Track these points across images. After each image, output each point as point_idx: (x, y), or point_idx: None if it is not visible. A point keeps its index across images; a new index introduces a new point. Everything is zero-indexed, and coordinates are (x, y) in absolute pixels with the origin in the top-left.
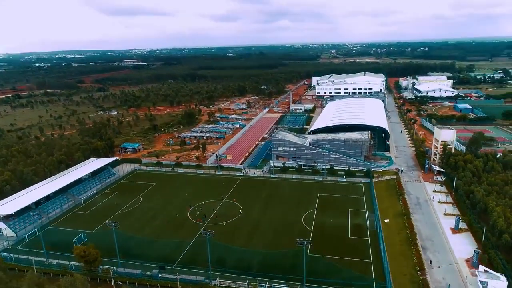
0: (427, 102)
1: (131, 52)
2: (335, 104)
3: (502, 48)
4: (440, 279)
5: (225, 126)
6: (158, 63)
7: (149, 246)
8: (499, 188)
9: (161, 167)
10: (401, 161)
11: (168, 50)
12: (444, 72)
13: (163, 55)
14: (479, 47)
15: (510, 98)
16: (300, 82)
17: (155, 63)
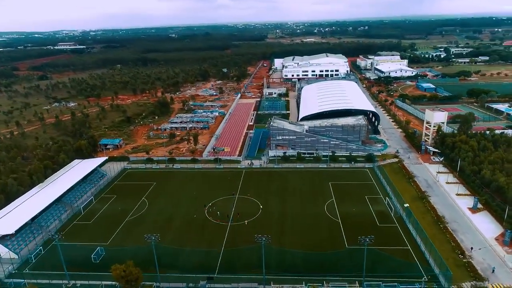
0: (392, 82)
1: (61, 33)
2: (313, 88)
3: (435, 26)
4: (481, 260)
5: (205, 115)
6: (98, 46)
7: (178, 254)
8: (500, 166)
9: (154, 164)
10: (393, 144)
11: (103, 31)
12: (392, 51)
13: (100, 37)
14: (414, 26)
15: (463, 76)
16: (258, 64)
17: (95, 46)
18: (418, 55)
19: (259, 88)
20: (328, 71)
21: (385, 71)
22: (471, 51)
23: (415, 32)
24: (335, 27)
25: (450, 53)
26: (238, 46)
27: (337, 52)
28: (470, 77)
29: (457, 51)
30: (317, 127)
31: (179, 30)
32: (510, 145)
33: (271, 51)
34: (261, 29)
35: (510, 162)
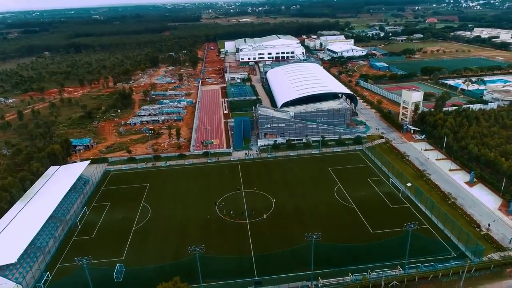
0: (346, 63)
1: None
2: (280, 71)
3: (362, 4)
4: (495, 231)
5: (172, 105)
6: (15, 32)
7: (211, 262)
8: (480, 140)
9: (139, 163)
10: (373, 124)
11: (13, 13)
12: (331, 30)
13: (12, 21)
14: (343, 4)
15: (408, 54)
16: (203, 47)
17: (11, 32)
18: (358, 34)
19: (217, 73)
20: (284, 53)
21: (338, 52)
22: (405, 29)
23: (345, 10)
24: (267, 6)
25: (385, 31)
26: (176, 28)
27: (280, 32)
28: (414, 55)
29: (391, 29)
30: (302, 113)
31: (102, 12)
32: (479, 120)
33: (214, 33)
34: (191, 9)
35: (486, 136)
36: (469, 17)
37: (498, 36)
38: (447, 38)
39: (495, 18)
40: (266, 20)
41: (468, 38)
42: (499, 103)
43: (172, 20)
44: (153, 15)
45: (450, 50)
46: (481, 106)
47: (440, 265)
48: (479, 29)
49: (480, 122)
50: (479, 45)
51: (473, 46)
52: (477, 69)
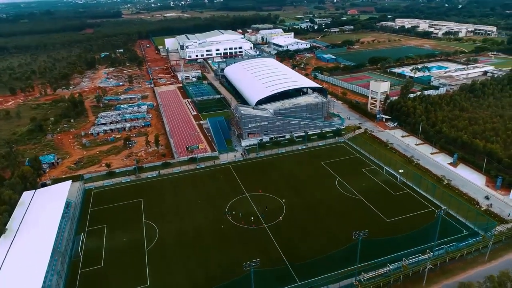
0: (294, 56)
1: None
2: (239, 68)
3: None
4: (490, 204)
5: (133, 110)
6: None
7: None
8: (449, 123)
9: (121, 177)
10: (345, 116)
11: None
12: (264, 23)
13: None
14: None
15: (348, 45)
16: (137, 45)
17: None
18: (292, 26)
19: (167, 73)
20: (232, 48)
21: (283, 45)
22: (335, 21)
23: (270, 3)
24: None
25: (316, 24)
26: (99, 25)
27: (216, 28)
28: (353, 46)
29: (321, 21)
30: (282, 109)
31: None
32: (441, 105)
33: (145, 29)
34: (107, 4)
35: (453, 119)
36: (384, 8)
37: (418, 26)
38: (375, 28)
39: (407, 9)
40: (193, 15)
41: (394, 28)
42: (447, 87)
43: (91, 17)
44: (66, 12)
45: (384, 40)
46: (432, 92)
47: (461, 244)
48: (400, 20)
49: (442, 107)
50: (405, 35)
51: (400, 36)
52: (416, 57)
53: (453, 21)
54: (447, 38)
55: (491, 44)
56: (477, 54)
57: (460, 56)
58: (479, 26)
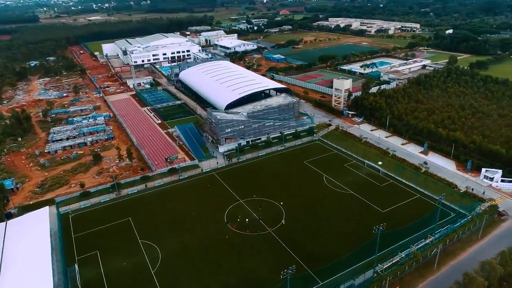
0: (243, 57)
1: None
2: (196, 72)
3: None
4: (469, 186)
5: (89, 123)
6: None
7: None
8: (411, 116)
9: (100, 197)
10: (313, 113)
11: None
12: (201, 25)
13: None
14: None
15: (293, 45)
16: (68, 51)
17: None
18: (230, 27)
19: (113, 80)
20: (180, 52)
21: (230, 47)
22: (271, 21)
23: (201, 5)
24: (114, 2)
25: (253, 24)
26: (16, 31)
27: (152, 30)
28: (298, 45)
29: (257, 22)
30: (255, 112)
31: None
32: (398, 98)
33: (74, 35)
34: (17, 7)
35: (413, 111)
36: (314, 8)
37: (351, 24)
38: (312, 28)
39: (335, 8)
40: (121, 18)
41: (330, 28)
42: (397, 82)
43: (3, 22)
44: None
45: (324, 39)
46: (385, 86)
47: (455, 225)
48: (334, 19)
49: (399, 100)
50: (341, 33)
51: (337, 34)
52: (361, 54)
53: (379, 20)
54: (380, 35)
55: (421, 40)
56: (411, 49)
57: (398, 52)
58: (404, 23)
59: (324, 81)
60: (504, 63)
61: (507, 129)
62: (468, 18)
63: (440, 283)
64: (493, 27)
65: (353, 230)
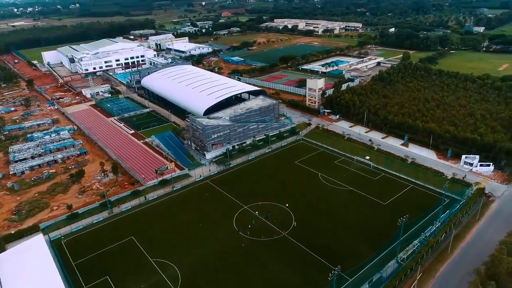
0: (201, 60)
1: None
2: (163, 78)
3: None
4: (451, 174)
5: (53, 138)
6: None
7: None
8: (385, 110)
9: (93, 217)
10: (288, 114)
11: None
12: (144, 29)
13: None
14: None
15: (248, 46)
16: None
17: None
18: (179, 31)
19: (64, 91)
20: (134, 58)
21: (185, 51)
22: (217, 24)
23: (137, 8)
24: (39, 6)
25: (199, 27)
26: None
27: (92, 36)
28: (252, 47)
29: (202, 24)
30: (237, 115)
31: None
32: (367, 95)
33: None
34: None
35: (385, 106)
36: (255, 9)
37: (298, 25)
38: (260, 29)
39: (276, 9)
40: (49, 23)
41: (278, 29)
42: (360, 79)
43: None
44: None
45: (276, 40)
46: (349, 84)
47: (454, 210)
48: (280, 20)
49: (369, 96)
50: (290, 34)
51: (286, 35)
52: (318, 54)
53: (323, 20)
54: (328, 35)
55: (368, 39)
56: (361, 48)
57: (351, 50)
58: (348, 23)
59: (289, 81)
60: (446, 57)
61: (471, 118)
62: (402, 17)
63: (457, 265)
64: (427, 25)
65: (364, 224)
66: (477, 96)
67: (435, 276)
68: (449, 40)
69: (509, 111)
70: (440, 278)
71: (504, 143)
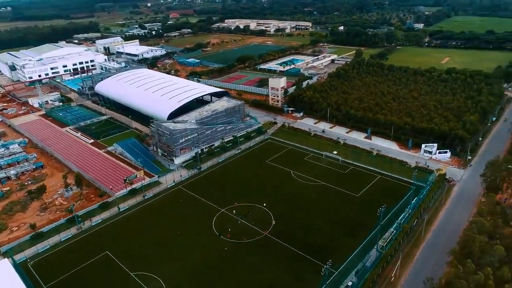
0: (155, 63)
1: None
2: (119, 84)
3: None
4: (415, 162)
5: (3, 152)
6: None
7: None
8: (346, 106)
9: (60, 235)
10: (253, 114)
11: None
12: (88, 32)
13: None
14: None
15: (202, 47)
16: None
17: None
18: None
19: (7, 101)
20: (83, 63)
21: (138, 54)
22: (167, 25)
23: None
24: None
25: (147, 29)
26: None
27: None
28: (207, 48)
29: (151, 26)
30: (203, 118)
31: None
32: (328, 92)
33: None
34: None
35: (345, 101)
36: (204, 10)
37: (249, 25)
38: (212, 30)
39: (225, 10)
40: None
41: (230, 29)
42: (317, 76)
43: None
44: None
45: (229, 40)
46: (309, 81)
47: (421, 196)
48: (231, 20)
49: (329, 93)
50: (243, 34)
51: (239, 35)
52: (274, 53)
53: (274, 20)
54: (280, 34)
55: (320, 37)
56: (314, 46)
57: (305, 49)
58: (298, 22)
59: (249, 82)
60: (394, 53)
61: (424, 109)
62: (348, 16)
63: (432, 247)
64: (372, 23)
65: (341, 217)
66: (427, 88)
67: (413, 260)
68: (394, 36)
69: (457, 101)
70: (418, 261)
71: (458, 130)
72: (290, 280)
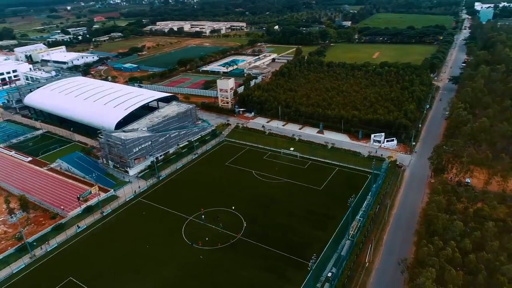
0: (89, 70)
1: None
2: (53, 94)
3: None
4: (367, 152)
5: None
6: None
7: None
8: (295, 102)
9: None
10: (204, 117)
11: None
12: (3, 39)
13: None
14: None
15: (137, 52)
16: None
17: None
18: (50, 39)
19: None
20: (5, 74)
21: (67, 61)
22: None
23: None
24: None
25: (71, 34)
26: None
27: None
28: (142, 52)
29: (75, 31)
30: (154, 125)
31: None
32: (274, 90)
33: None
34: None
35: (294, 99)
36: (130, 13)
37: (183, 27)
38: (144, 33)
39: (154, 12)
40: None
41: (164, 32)
42: (262, 76)
43: None
44: None
45: (165, 43)
46: (255, 81)
47: (378, 184)
48: (163, 23)
49: (276, 91)
50: (178, 36)
51: (174, 38)
52: (215, 54)
53: (208, 21)
54: (216, 35)
55: (257, 37)
56: (253, 46)
57: (245, 49)
58: (233, 23)
59: (193, 84)
60: (329, 50)
61: (367, 101)
62: (280, 15)
63: (396, 230)
64: (303, 21)
65: (308, 211)
66: (365, 81)
67: (383, 244)
68: (328, 34)
69: (395, 92)
70: (387, 244)
71: (401, 119)
72: (273, 278)
